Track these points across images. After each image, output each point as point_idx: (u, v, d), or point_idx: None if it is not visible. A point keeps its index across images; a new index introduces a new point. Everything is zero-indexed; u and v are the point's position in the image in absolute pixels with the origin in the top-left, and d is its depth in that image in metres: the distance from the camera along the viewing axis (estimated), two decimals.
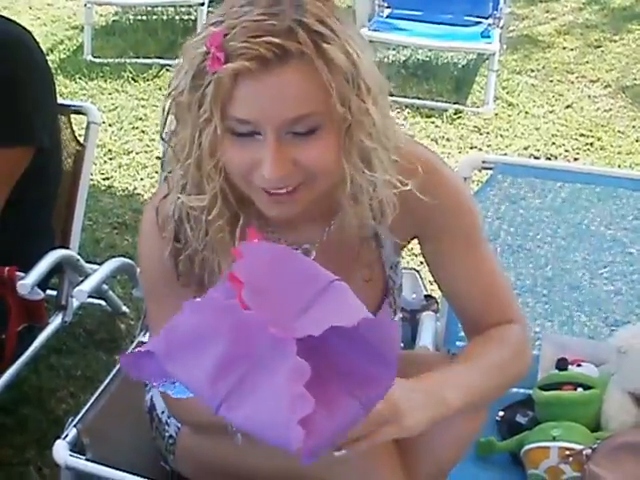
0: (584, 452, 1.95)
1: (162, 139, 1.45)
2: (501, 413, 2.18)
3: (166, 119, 1.42)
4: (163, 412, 1.77)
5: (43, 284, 2.28)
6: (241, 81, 1.29)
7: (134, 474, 1.80)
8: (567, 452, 1.97)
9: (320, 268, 1.26)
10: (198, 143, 1.36)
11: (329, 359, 1.22)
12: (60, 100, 2.35)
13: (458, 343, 2.19)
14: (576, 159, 4.30)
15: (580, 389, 2.10)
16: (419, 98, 4.90)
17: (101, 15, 6.05)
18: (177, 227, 1.50)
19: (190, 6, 5.65)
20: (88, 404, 1.99)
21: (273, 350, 1.14)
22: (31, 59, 2.15)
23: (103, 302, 2.90)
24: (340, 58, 1.30)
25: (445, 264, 1.60)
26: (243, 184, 1.40)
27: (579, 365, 2.16)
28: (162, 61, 5.19)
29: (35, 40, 2.18)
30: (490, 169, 2.29)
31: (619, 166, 4.19)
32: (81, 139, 2.49)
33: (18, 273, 2.16)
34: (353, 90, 1.32)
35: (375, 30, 5.02)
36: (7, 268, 2.16)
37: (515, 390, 2.25)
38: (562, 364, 2.15)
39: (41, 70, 2.19)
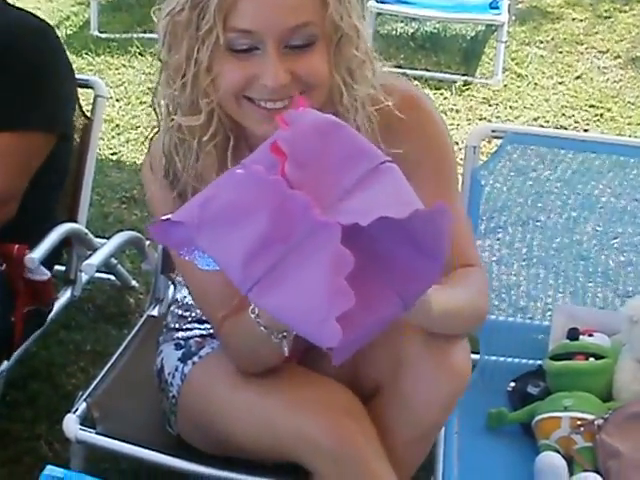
0: (596, 422, 1.95)
1: (159, 60, 1.50)
2: (512, 384, 2.18)
3: (164, 39, 1.47)
4: (169, 373, 1.77)
5: (53, 260, 2.27)
6: None
7: (144, 447, 1.81)
8: (578, 422, 1.97)
9: (371, 145, 1.21)
10: (195, 59, 1.42)
11: (372, 248, 1.14)
12: None
13: None
14: (586, 130, 4.27)
15: (592, 359, 2.09)
16: (427, 70, 4.86)
17: None
18: (167, 162, 1.56)
19: None
20: (98, 378, 2.00)
21: (315, 235, 1.06)
22: (57, 48, 2.19)
23: (112, 276, 2.88)
24: None
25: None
26: (234, 104, 1.46)
27: (590, 335, 2.15)
28: None
29: (56, 34, 2.21)
30: (500, 138, 2.27)
31: (629, 137, 4.16)
32: (88, 114, 2.48)
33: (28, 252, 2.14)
34: (343, 5, 1.45)
35: (383, 2, 4.97)
36: (17, 246, 2.11)
37: (526, 361, 2.25)
38: (573, 334, 2.14)
39: (65, 60, 2.22)
